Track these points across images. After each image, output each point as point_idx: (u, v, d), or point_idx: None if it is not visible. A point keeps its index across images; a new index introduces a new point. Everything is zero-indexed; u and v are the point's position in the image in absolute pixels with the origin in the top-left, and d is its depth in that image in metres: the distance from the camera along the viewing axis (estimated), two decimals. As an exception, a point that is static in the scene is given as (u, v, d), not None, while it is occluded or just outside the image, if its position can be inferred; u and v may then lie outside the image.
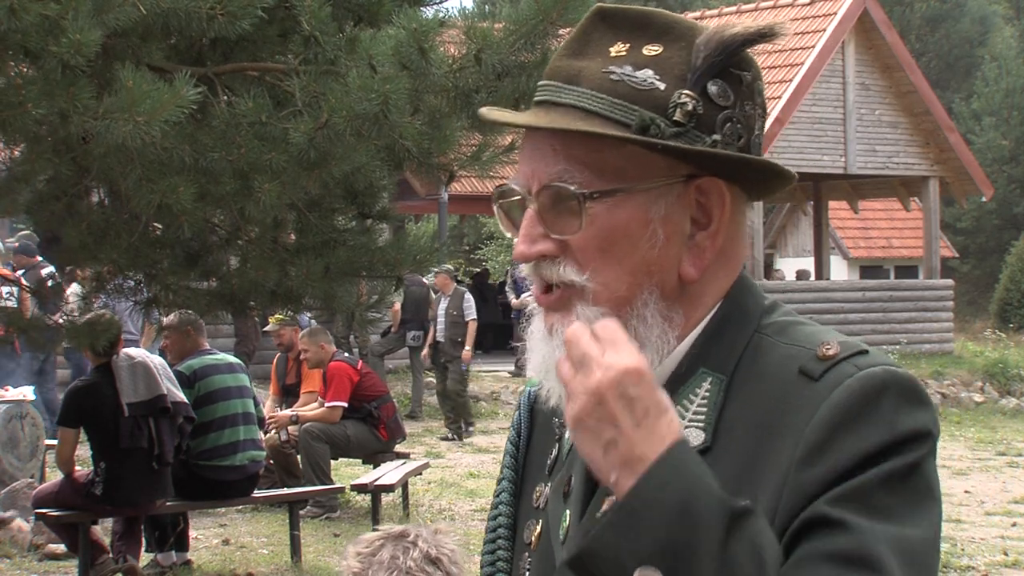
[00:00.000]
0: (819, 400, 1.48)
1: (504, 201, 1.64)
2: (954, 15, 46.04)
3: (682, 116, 1.54)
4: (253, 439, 9.43)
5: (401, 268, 6.91)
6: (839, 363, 1.51)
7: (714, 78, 1.56)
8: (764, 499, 1.47)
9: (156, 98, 4.89)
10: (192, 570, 9.22)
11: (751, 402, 1.54)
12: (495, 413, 18.64)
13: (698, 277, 1.59)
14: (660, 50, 1.57)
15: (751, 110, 1.59)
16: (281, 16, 5.83)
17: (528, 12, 5.54)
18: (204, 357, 9.37)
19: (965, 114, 42.09)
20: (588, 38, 1.60)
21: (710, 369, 1.58)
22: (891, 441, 1.45)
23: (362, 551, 3.11)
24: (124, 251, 6.80)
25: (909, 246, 35.28)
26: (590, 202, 1.54)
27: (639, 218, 1.56)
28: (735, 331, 1.59)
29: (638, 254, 1.56)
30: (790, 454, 1.47)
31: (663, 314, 1.58)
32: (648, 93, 1.55)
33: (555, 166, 1.56)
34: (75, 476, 8.57)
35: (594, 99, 1.56)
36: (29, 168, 6.11)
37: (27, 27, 4.86)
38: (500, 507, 1.79)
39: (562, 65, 1.60)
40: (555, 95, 1.59)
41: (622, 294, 1.56)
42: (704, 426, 1.55)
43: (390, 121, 5.34)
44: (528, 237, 1.58)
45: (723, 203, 1.58)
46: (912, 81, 22.97)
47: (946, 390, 20.90)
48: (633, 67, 1.56)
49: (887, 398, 1.48)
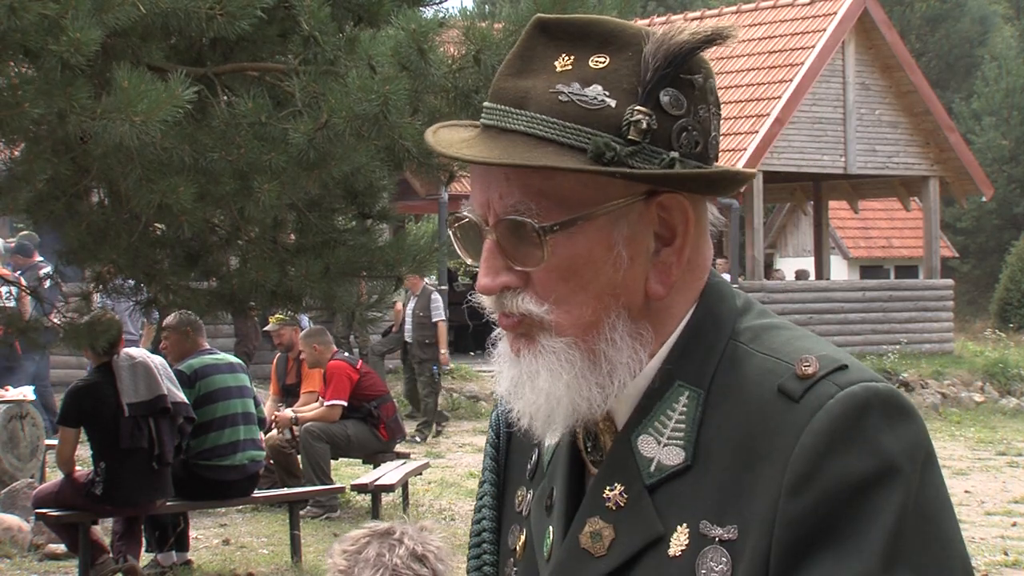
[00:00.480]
0: (801, 424, 1.46)
1: (458, 227, 1.59)
2: (954, 15, 46.03)
3: (636, 134, 1.50)
4: (253, 439, 9.43)
5: (401, 268, 6.91)
6: (819, 381, 1.48)
7: (665, 88, 1.51)
8: (752, 527, 1.46)
9: (153, 98, 4.89)
10: (192, 570, 9.22)
11: (730, 419, 1.51)
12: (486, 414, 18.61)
13: (666, 294, 1.55)
14: (607, 62, 1.52)
15: (705, 113, 1.55)
16: (281, 16, 5.84)
17: (527, 12, 5.54)
18: (204, 357, 9.37)
19: (965, 114, 42.09)
20: (531, 53, 1.54)
21: (686, 383, 1.55)
22: (880, 467, 1.43)
23: (348, 548, 3.10)
24: (124, 251, 6.80)
25: (909, 246, 35.28)
26: (550, 235, 1.50)
27: (602, 243, 1.52)
28: (708, 341, 1.56)
29: (603, 278, 1.53)
30: (777, 481, 1.45)
31: (631, 334, 1.54)
32: (599, 112, 1.50)
33: (510, 198, 1.52)
34: (75, 476, 8.57)
35: (544, 124, 1.50)
36: (28, 168, 6.11)
37: (27, 26, 4.87)
38: (483, 511, 1.78)
39: (507, 86, 1.54)
40: (503, 120, 1.53)
41: (587, 320, 1.53)
42: (684, 444, 1.53)
43: (390, 121, 5.34)
44: (491, 270, 1.54)
45: (686, 218, 1.55)
46: (912, 81, 22.97)
47: (946, 390, 20.89)
48: (581, 83, 1.51)
49: (869, 418, 1.45)
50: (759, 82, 22.14)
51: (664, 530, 1.51)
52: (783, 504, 1.44)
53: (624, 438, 1.57)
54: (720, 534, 1.48)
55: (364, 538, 3.12)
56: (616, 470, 1.56)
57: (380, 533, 3.13)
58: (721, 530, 1.48)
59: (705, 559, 1.48)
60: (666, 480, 1.53)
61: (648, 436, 1.55)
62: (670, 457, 1.53)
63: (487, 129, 1.55)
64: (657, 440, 1.54)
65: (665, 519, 1.51)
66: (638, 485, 1.54)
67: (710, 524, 1.49)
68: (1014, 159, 41.10)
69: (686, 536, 1.50)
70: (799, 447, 1.45)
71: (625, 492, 1.54)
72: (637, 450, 1.55)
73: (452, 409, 18.39)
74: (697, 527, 1.49)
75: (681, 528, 1.50)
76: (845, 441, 1.44)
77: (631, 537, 1.53)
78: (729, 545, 1.47)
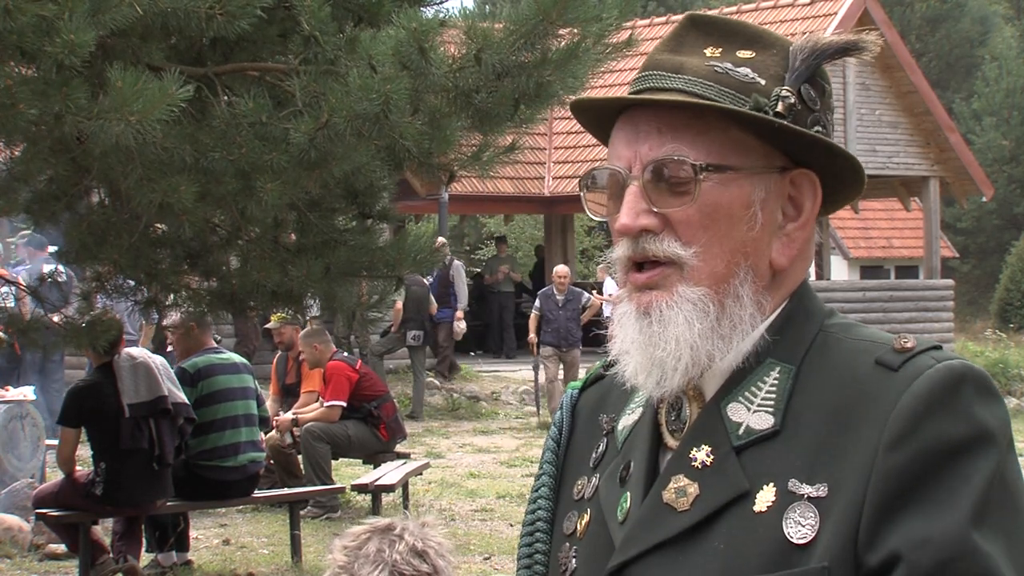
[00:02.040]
0: (900, 389, 1.53)
1: (595, 185, 1.68)
2: (954, 15, 46.00)
3: (784, 108, 1.60)
4: (253, 440, 9.41)
5: (401, 268, 6.90)
6: (918, 355, 1.56)
7: (806, 82, 1.64)
8: (845, 484, 1.50)
9: (148, 97, 4.88)
10: (192, 570, 9.22)
11: (822, 390, 1.58)
12: (495, 413, 18.62)
13: (788, 266, 1.64)
14: (753, 55, 1.64)
15: (830, 116, 1.68)
16: (281, 16, 5.83)
17: (528, 12, 5.54)
18: (210, 356, 9.33)
19: (965, 114, 42.06)
20: (682, 40, 1.66)
21: (778, 359, 1.61)
22: (974, 434, 1.50)
23: (348, 544, 3.09)
24: (125, 251, 6.80)
25: (909, 246, 35.26)
26: (704, 173, 1.59)
27: (743, 199, 1.61)
28: (801, 327, 1.64)
29: (737, 234, 1.61)
30: (874, 441, 1.51)
31: (754, 297, 1.62)
32: (751, 85, 1.62)
33: (663, 145, 1.61)
34: (75, 476, 8.57)
35: (703, 85, 1.61)
36: (27, 168, 6.11)
37: (23, 27, 4.86)
38: (539, 501, 1.82)
39: (663, 58, 1.65)
40: (660, 82, 1.64)
41: (720, 271, 1.61)
42: (773, 411, 1.58)
43: (390, 121, 5.34)
44: (632, 211, 1.62)
45: (815, 195, 1.65)
46: (912, 81, 22.96)
47: (946, 390, 20.89)
48: (732, 64, 1.63)
49: (966, 389, 1.52)
50: (759, 82, 22.12)
51: (750, 487, 1.55)
52: (881, 458, 1.49)
53: (713, 405, 1.62)
54: (809, 492, 1.52)
55: (364, 534, 3.11)
56: (704, 433, 1.61)
57: (380, 529, 3.12)
58: (811, 488, 1.53)
59: (793, 514, 1.52)
60: (754, 443, 1.58)
61: (738, 404, 1.61)
62: (759, 422, 1.58)
63: (640, 93, 1.65)
64: (747, 407, 1.60)
65: (752, 477, 1.56)
66: (726, 446, 1.59)
67: (799, 482, 1.53)
68: (1014, 159, 41.07)
69: (773, 494, 1.54)
70: (899, 408, 1.51)
71: (712, 453, 1.59)
72: (726, 415, 1.61)
73: (452, 409, 18.39)
74: (785, 485, 1.54)
75: (768, 487, 1.55)
76: (944, 405, 1.51)
77: (716, 493, 1.57)
78: (817, 502, 1.52)
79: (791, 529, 1.51)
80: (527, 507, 1.84)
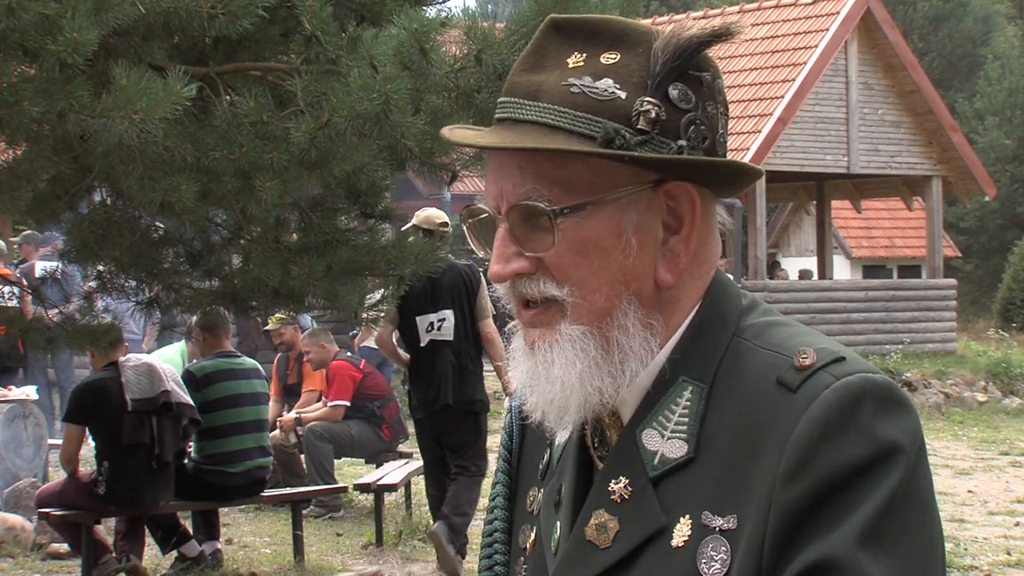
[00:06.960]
0: (798, 413, 1.48)
1: (473, 220, 1.64)
2: (957, 14, 45.99)
3: (646, 124, 1.54)
4: (262, 446, 9.32)
5: (403, 267, 6.90)
6: (816, 372, 1.51)
7: (674, 82, 1.56)
8: (750, 517, 1.48)
9: (152, 95, 4.89)
10: (200, 569, 9.22)
11: (731, 413, 1.54)
12: (496, 413, 18.63)
13: (675, 282, 1.59)
14: (617, 58, 1.56)
15: (713, 110, 1.59)
16: (283, 16, 5.84)
17: (529, 12, 5.54)
18: (218, 360, 9.21)
19: (968, 113, 42.05)
20: (544, 51, 1.59)
21: (690, 378, 1.58)
22: (874, 452, 1.46)
23: None
24: (126, 250, 6.81)
25: (912, 246, 35.26)
26: (561, 218, 1.54)
27: (611, 228, 1.56)
28: (713, 337, 1.59)
29: (614, 264, 1.56)
30: (773, 470, 1.47)
31: (643, 322, 1.58)
32: (610, 103, 1.54)
33: (523, 185, 1.56)
34: (78, 475, 8.58)
35: (556, 114, 1.55)
36: (29, 167, 6.11)
37: (26, 25, 4.86)
38: (495, 511, 1.80)
39: (520, 81, 1.59)
40: (516, 112, 1.58)
41: (601, 306, 1.57)
42: (687, 437, 1.55)
43: (392, 121, 5.34)
44: (502, 256, 1.58)
45: (693, 207, 1.58)
46: (915, 80, 22.95)
47: (949, 390, 20.87)
48: (592, 77, 1.55)
49: (865, 407, 1.48)
50: (762, 81, 22.13)
51: (667, 521, 1.53)
52: (777, 492, 1.46)
53: (629, 432, 1.59)
54: (720, 524, 1.50)
55: None
56: (621, 463, 1.59)
57: None
58: (721, 520, 1.50)
59: (706, 549, 1.50)
60: (669, 473, 1.55)
61: (652, 430, 1.57)
62: (673, 450, 1.55)
63: (501, 122, 1.59)
64: (661, 434, 1.57)
65: (668, 511, 1.54)
66: (642, 478, 1.56)
67: (711, 515, 1.51)
68: (1017, 159, 41.06)
69: (688, 527, 1.52)
70: (794, 435, 1.47)
71: (630, 485, 1.57)
72: (641, 444, 1.58)
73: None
74: (699, 518, 1.52)
75: (684, 519, 1.53)
76: (840, 428, 1.46)
77: (635, 529, 1.55)
78: (729, 535, 1.50)
79: (703, 565, 1.50)
80: (485, 516, 1.82)
